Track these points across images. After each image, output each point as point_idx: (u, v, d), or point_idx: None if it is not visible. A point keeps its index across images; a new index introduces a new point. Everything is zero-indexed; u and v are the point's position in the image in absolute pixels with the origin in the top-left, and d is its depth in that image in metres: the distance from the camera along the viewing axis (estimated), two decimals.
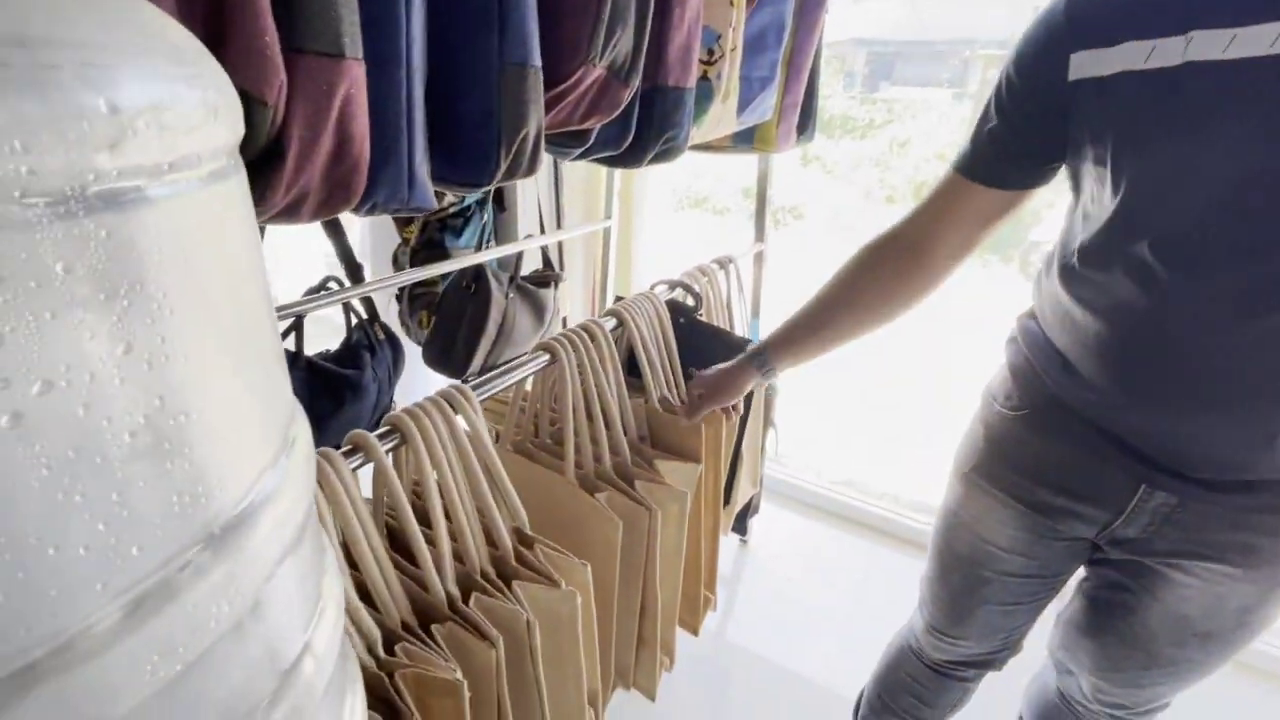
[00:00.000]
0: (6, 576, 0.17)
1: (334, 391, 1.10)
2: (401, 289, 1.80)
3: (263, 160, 0.45)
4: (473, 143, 0.62)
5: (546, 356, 0.89)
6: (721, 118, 1.04)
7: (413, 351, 1.69)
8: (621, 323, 1.04)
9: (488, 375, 0.81)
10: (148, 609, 0.21)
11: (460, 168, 0.64)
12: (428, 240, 1.67)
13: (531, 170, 0.70)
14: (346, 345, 1.22)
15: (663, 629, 0.99)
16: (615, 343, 1.12)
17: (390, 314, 1.98)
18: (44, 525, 0.18)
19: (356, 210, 0.54)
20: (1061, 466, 0.74)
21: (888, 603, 1.20)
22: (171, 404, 0.21)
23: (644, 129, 0.86)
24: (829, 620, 1.63)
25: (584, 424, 0.91)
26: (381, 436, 0.66)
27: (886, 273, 0.80)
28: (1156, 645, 0.75)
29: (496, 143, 0.62)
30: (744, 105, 1.10)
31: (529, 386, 0.96)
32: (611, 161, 0.88)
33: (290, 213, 0.50)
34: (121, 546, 0.20)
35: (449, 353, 1.48)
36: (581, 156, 0.84)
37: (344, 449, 0.63)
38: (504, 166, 0.64)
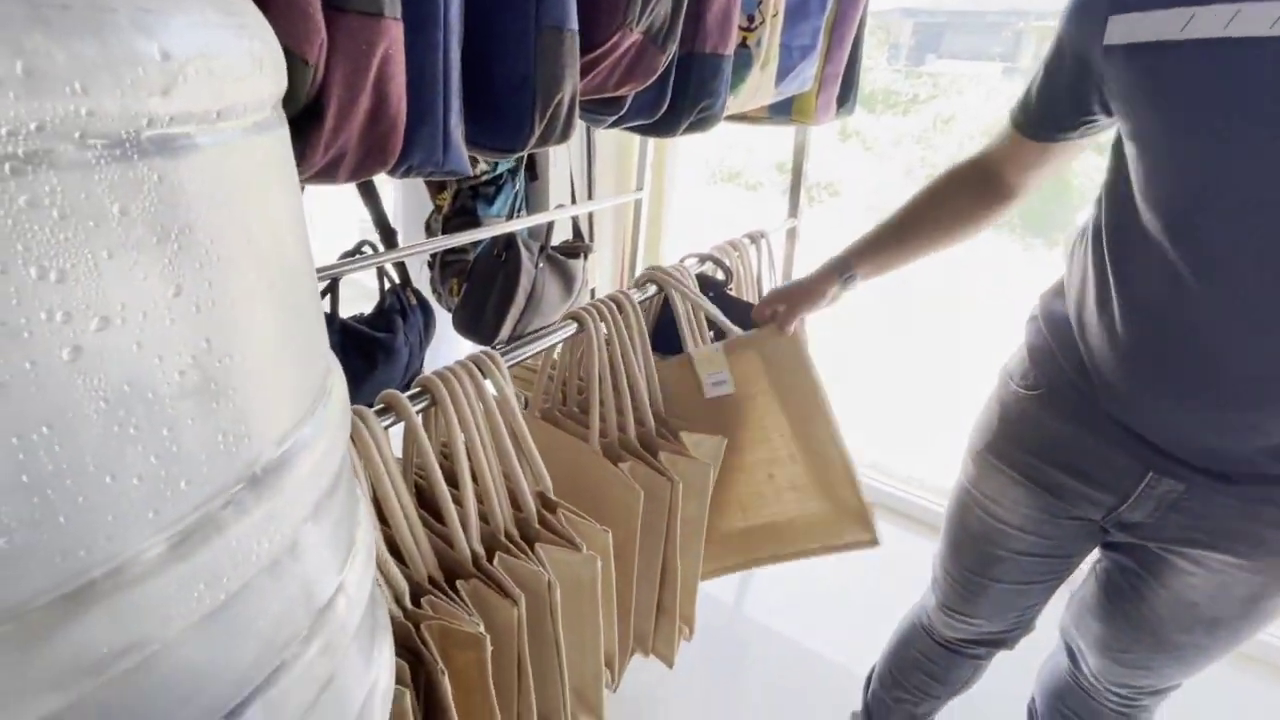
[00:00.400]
0: (68, 501, 0.18)
1: (366, 354, 1.13)
2: (434, 256, 1.82)
3: (302, 119, 0.45)
4: (508, 106, 0.62)
5: (574, 325, 0.90)
6: (759, 87, 1.02)
7: (443, 318, 1.72)
8: (660, 288, 1.04)
9: (517, 342, 0.82)
10: (195, 540, 0.22)
11: (495, 132, 0.64)
12: (460, 208, 1.68)
13: (565, 136, 0.69)
14: (379, 309, 1.24)
15: (682, 599, 1.01)
16: (644, 315, 1.12)
17: (422, 281, 2.01)
18: (101, 454, 0.19)
19: (392, 172, 0.55)
20: (1072, 448, 0.74)
21: (904, 582, 1.20)
22: (218, 346, 0.22)
23: (679, 97, 0.85)
24: (846, 599, 1.64)
25: (609, 394, 0.92)
26: (412, 397, 0.68)
27: (964, 196, 0.84)
28: (1164, 630, 0.75)
29: (531, 107, 0.62)
30: (783, 74, 1.07)
31: (557, 355, 0.97)
32: (645, 130, 0.87)
33: (328, 173, 0.50)
34: (171, 479, 0.21)
35: (478, 320, 1.50)
36: (615, 124, 0.84)
37: (376, 408, 0.64)
38: (538, 131, 0.64)
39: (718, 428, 1.02)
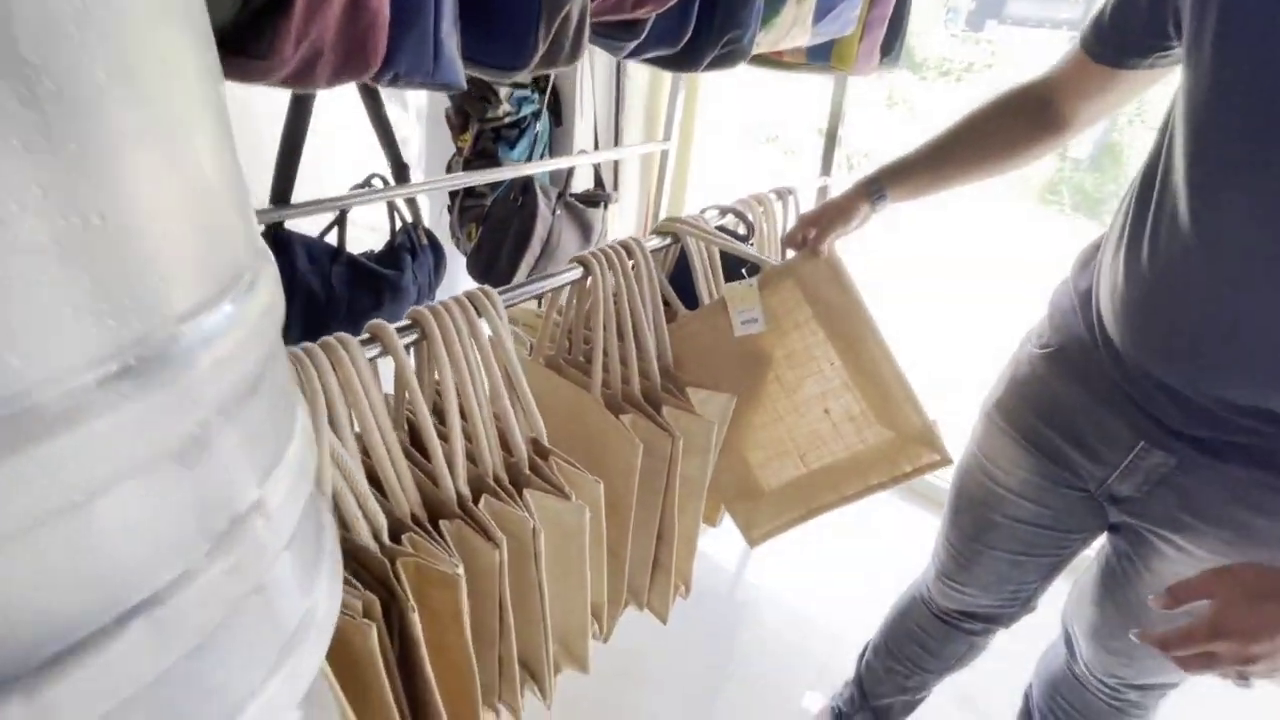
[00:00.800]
0: None
1: (373, 290, 1.11)
2: (453, 200, 1.79)
3: (271, 7, 0.41)
4: (510, 18, 0.58)
5: (580, 270, 0.86)
6: (795, 23, 0.94)
7: (457, 263, 1.69)
8: (676, 239, 0.99)
9: (519, 283, 0.79)
10: (51, 422, 0.19)
11: (494, 46, 0.59)
12: (481, 150, 1.64)
13: (573, 57, 0.64)
14: (389, 247, 1.21)
15: (679, 556, 0.99)
16: (659, 265, 1.07)
17: (441, 226, 1.98)
18: None
19: (377, 79, 0.51)
20: (1072, 412, 0.73)
21: (909, 558, 1.17)
22: (85, 200, 0.19)
23: (704, 26, 0.78)
24: (849, 570, 1.61)
25: (614, 343, 0.88)
26: (401, 330, 0.65)
27: (1019, 123, 0.79)
28: (1147, 617, 0.74)
29: (536, 20, 0.57)
30: (822, 13, 1.00)
31: (564, 301, 0.94)
32: (666, 62, 0.81)
33: (304, 74, 0.47)
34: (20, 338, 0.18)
35: (493, 265, 1.47)
36: (634, 54, 0.78)
37: (362, 338, 0.62)
38: (542, 49, 0.59)
39: (758, 375, 0.98)
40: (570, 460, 0.77)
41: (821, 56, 1.15)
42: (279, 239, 1.00)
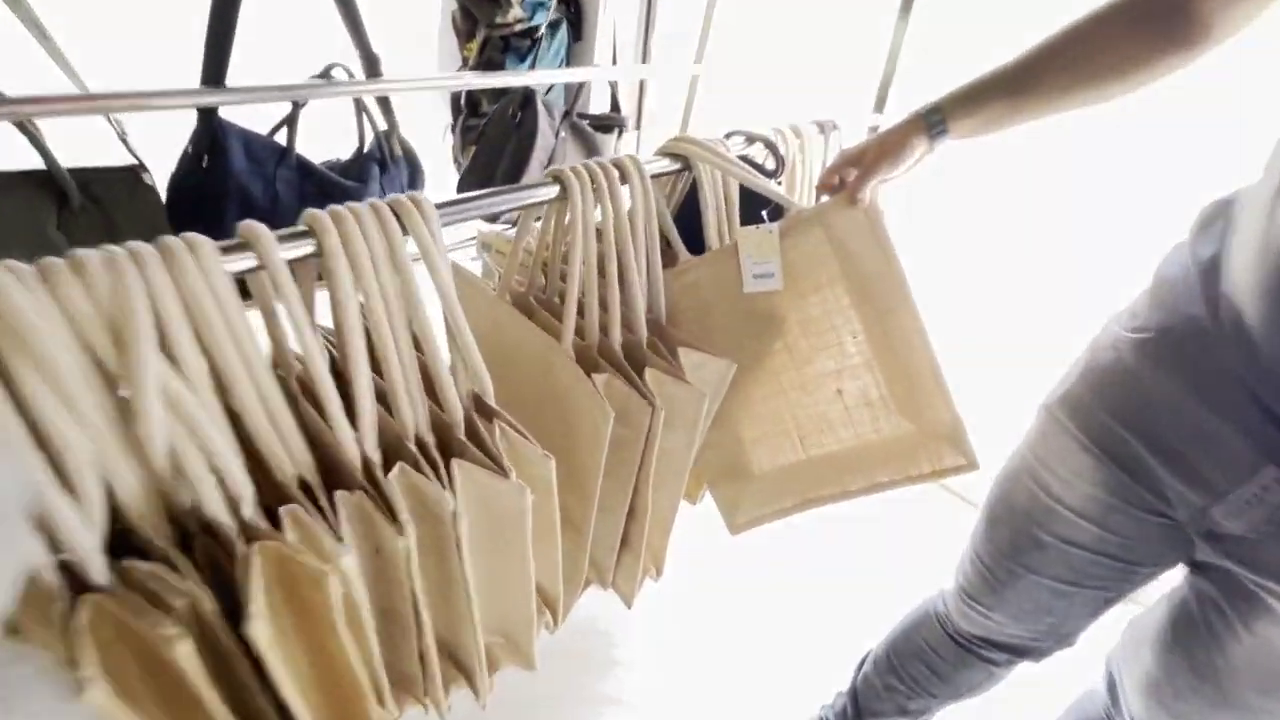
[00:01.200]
0: None
1: (328, 202, 0.95)
2: (455, 119, 1.60)
3: None
4: None
5: (556, 187, 0.68)
6: None
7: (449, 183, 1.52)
8: (686, 165, 0.80)
9: (465, 196, 0.62)
10: None
11: None
12: (488, 61, 1.44)
13: None
14: (358, 155, 1.05)
15: (651, 536, 0.84)
16: (666, 195, 0.89)
17: (445, 148, 1.79)
18: None
19: None
20: (1169, 413, 0.56)
21: (927, 567, 1.01)
22: None
23: None
24: (855, 573, 1.46)
25: (594, 283, 0.72)
26: (288, 238, 0.49)
27: (1138, 30, 0.59)
28: (1235, 687, 0.59)
29: None
30: None
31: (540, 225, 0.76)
32: None
33: None
34: None
35: (486, 187, 1.30)
36: None
37: (225, 244, 0.46)
38: None
39: (766, 341, 0.81)
40: (517, 426, 0.61)
41: None
42: (211, 129, 0.84)
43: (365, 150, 1.04)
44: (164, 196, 0.84)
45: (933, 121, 0.70)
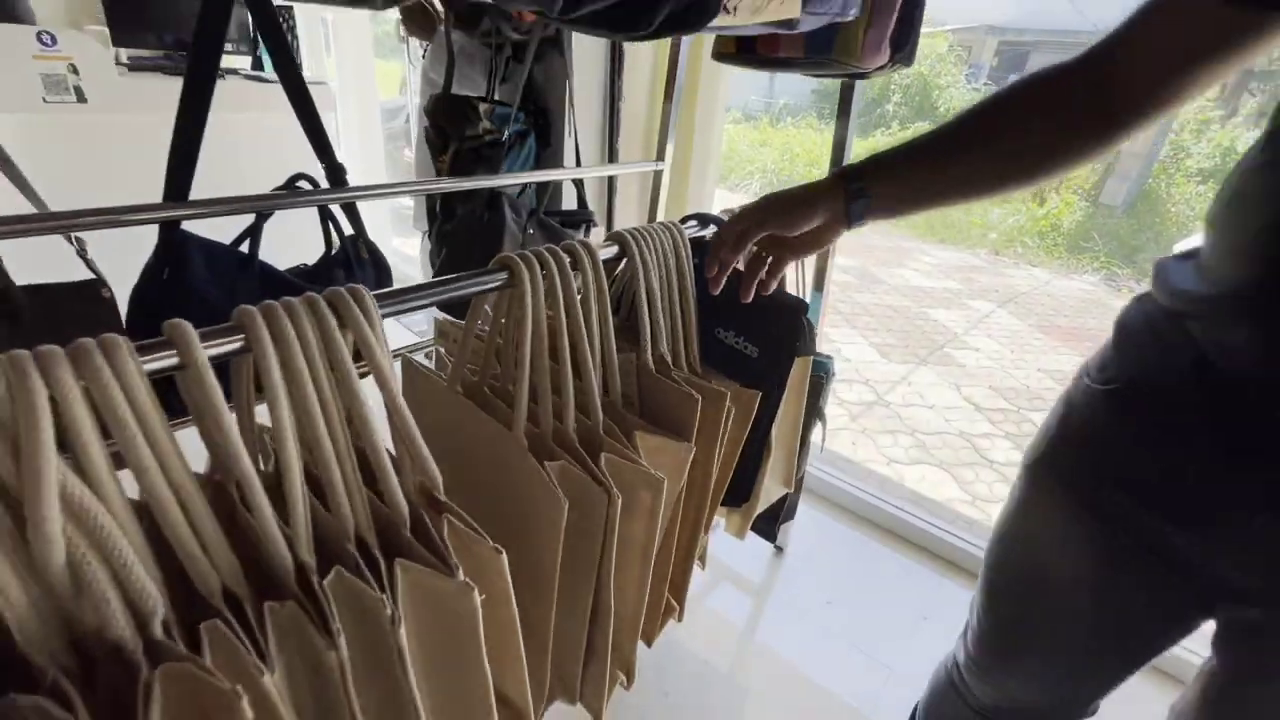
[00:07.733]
0: None
1: None
2: (430, 227, 1.66)
3: None
4: None
5: (504, 274, 0.69)
6: None
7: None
8: (624, 252, 0.82)
9: (410, 287, 0.62)
10: None
11: None
12: (460, 171, 1.50)
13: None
14: (324, 260, 1.06)
15: (618, 640, 0.78)
16: (615, 281, 0.91)
17: (424, 255, 1.85)
18: None
19: None
20: (1150, 462, 0.53)
21: (939, 637, 0.95)
22: None
23: None
24: (868, 642, 1.38)
25: (545, 369, 0.71)
26: (212, 334, 0.48)
27: (1058, 105, 0.55)
28: None
29: None
30: None
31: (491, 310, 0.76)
32: (611, 21, 0.65)
33: None
34: None
35: None
36: (567, 11, 0.62)
37: (145, 342, 0.45)
38: None
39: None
40: (466, 519, 0.58)
41: (823, 48, 0.99)
42: (171, 240, 0.85)
43: (331, 254, 1.06)
44: (126, 310, 0.84)
45: (853, 187, 0.65)
